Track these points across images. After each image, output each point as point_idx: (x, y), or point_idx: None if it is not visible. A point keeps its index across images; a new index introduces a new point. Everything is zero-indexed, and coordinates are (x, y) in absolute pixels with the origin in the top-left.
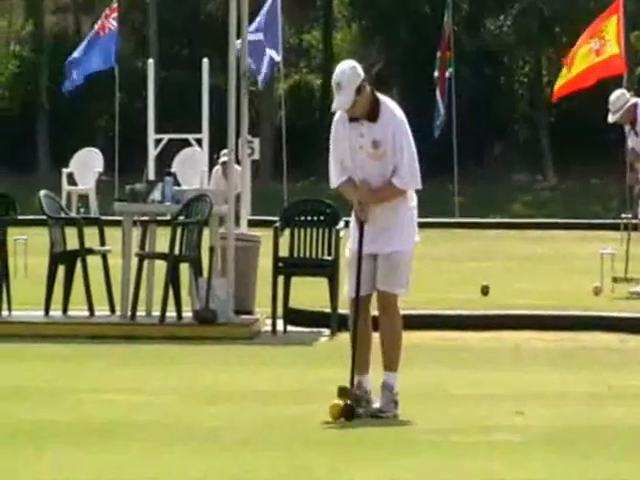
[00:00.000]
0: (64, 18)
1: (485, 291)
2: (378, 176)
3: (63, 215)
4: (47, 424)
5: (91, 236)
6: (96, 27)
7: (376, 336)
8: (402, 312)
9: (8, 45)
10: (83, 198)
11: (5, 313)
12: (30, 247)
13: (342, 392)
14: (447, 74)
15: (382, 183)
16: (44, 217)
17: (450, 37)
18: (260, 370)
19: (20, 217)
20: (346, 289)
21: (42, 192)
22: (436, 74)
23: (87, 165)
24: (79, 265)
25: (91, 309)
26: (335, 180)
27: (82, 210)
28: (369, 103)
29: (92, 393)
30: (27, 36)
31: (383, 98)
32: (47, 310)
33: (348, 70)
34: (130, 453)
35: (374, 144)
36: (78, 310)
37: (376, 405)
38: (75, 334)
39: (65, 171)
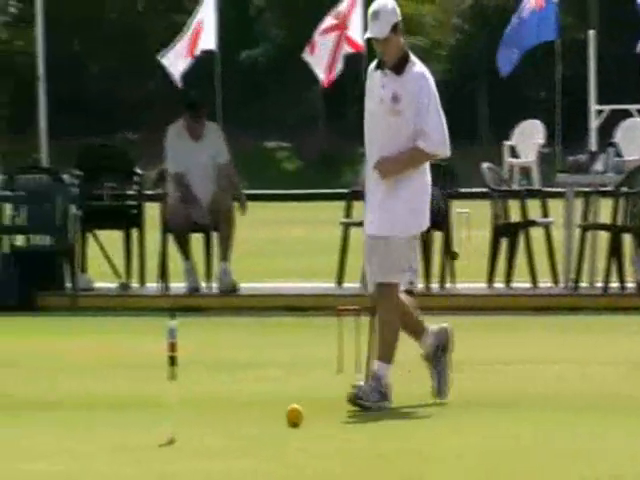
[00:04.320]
0: None
1: None
2: (391, 133)
3: (506, 188)
4: (484, 393)
5: (533, 208)
6: (528, 1)
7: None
8: None
9: (449, 18)
10: (525, 170)
11: (449, 286)
12: (473, 220)
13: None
14: None
15: (395, 144)
16: (487, 190)
17: None
18: None
19: (462, 190)
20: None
21: (485, 165)
22: None
23: (529, 137)
24: (522, 237)
25: (534, 281)
26: None
27: (524, 182)
28: (399, 52)
29: (531, 363)
30: (468, 9)
31: (414, 58)
32: (490, 282)
33: (389, 4)
34: (548, 423)
35: (394, 98)
36: (521, 282)
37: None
38: (518, 306)
39: (507, 144)
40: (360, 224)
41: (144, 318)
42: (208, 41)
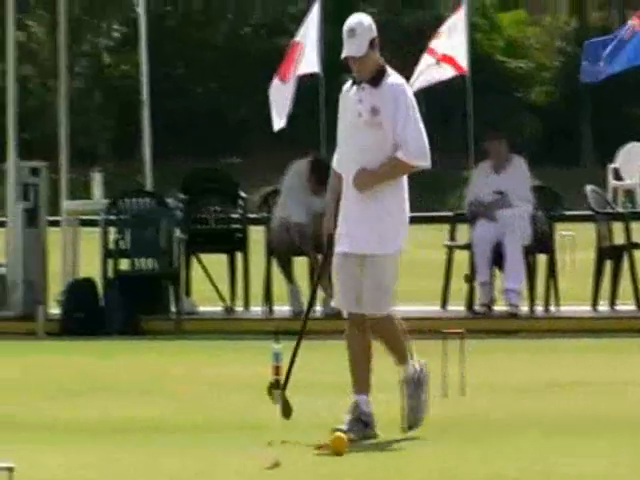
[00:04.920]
0: (609, 13)
1: None
2: (372, 147)
3: (610, 210)
4: (587, 414)
5: (638, 231)
6: (630, 23)
7: None
8: None
9: (553, 40)
10: (629, 193)
11: (553, 308)
12: (577, 242)
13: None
14: None
15: (376, 157)
16: (591, 212)
17: None
18: None
19: (566, 212)
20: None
21: (589, 187)
22: None
23: (633, 159)
24: (626, 259)
25: (638, 303)
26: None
27: (628, 205)
28: (375, 67)
29: (634, 386)
30: (571, 32)
31: (391, 70)
32: (594, 305)
33: (365, 20)
34: None
35: (372, 111)
36: (625, 305)
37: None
38: (622, 328)
39: (610, 166)
40: (466, 247)
41: (248, 342)
42: (311, 64)
